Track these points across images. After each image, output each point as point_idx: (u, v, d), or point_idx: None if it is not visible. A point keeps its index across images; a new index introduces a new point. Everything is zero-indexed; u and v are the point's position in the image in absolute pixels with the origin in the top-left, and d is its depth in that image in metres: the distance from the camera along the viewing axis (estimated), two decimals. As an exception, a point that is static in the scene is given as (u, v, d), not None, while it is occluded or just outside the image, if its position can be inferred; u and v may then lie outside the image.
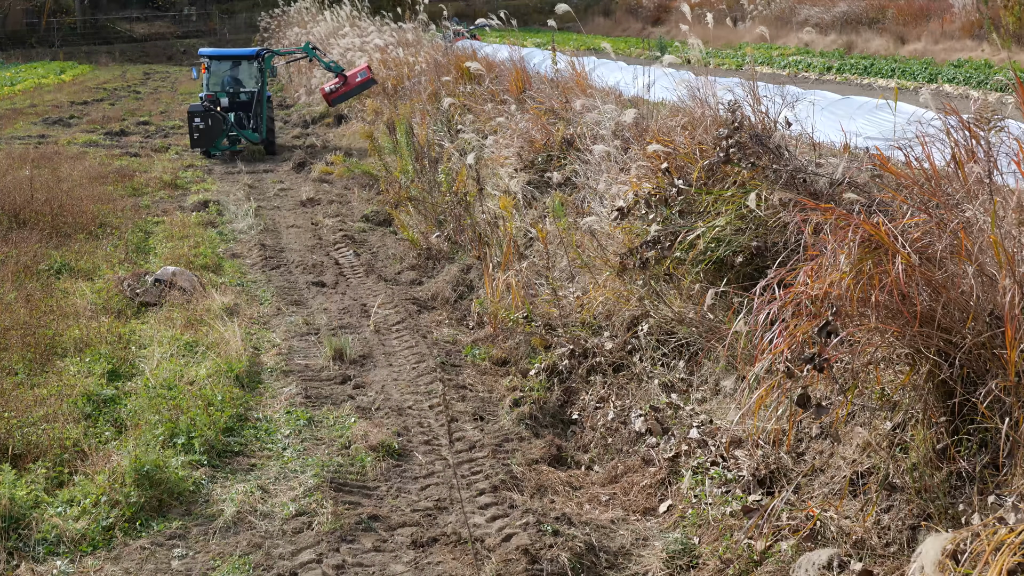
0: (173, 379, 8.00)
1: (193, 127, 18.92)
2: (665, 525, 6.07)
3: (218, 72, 20.36)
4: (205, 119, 18.79)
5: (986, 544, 4.11)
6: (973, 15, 28.57)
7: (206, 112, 18.77)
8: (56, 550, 5.73)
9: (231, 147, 19.74)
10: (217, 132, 18.99)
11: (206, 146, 19.34)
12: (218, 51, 20.82)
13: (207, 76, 20.15)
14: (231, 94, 19.93)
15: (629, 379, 7.73)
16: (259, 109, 19.76)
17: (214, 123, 18.91)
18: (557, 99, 12.67)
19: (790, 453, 6.05)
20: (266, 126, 19.86)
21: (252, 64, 20.33)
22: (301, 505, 6.32)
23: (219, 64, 20.42)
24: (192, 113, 18.93)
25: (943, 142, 5.86)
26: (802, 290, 5.45)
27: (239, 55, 20.51)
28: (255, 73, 20.24)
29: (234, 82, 20.25)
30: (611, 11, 51.99)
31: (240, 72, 20.45)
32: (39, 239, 12.14)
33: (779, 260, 6.37)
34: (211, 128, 18.91)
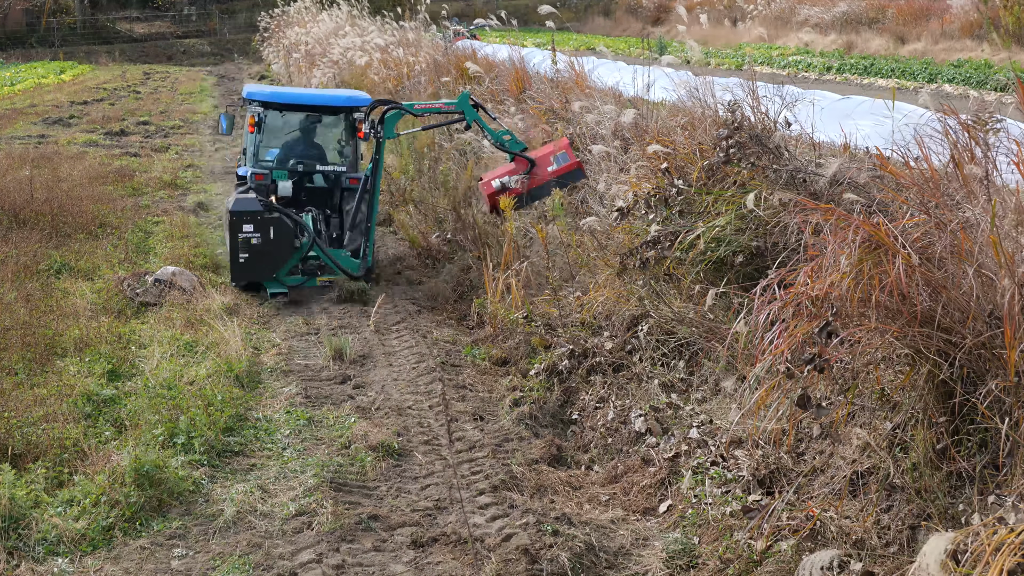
0: (173, 379, 8.00)
1: (241, 242, 10.10)
2: (665, 525, 6.07)
3: (280, 129, 11.89)
4: (264, 228, 10.11)
5: (986, 544, 4.11)
6: (973, 15, 28.56)
7: (266, 216, 10.13)
8: (56, 550, 5.73)
9: (306, 280, 10.81)
10: (284, 254, 10.33)
11: (258, 276, 10.49)
12: (282, 93, 11.97)
13: (255, 136, 11.34)
14: (300, 174, 11.34)
15: (629, 379, 7.73)
16: (362, 212, 11.00)
17: (279, 239, 10.20)
18: (557, 99, 12.67)
19: (790, 453, 6.05)
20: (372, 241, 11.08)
21: (343, 121, 11.72)
22: (301, 505, 6.31)
23: (282, 117, 11.77)
24: (239, 215, 10.05)
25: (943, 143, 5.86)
26: (802, 290, 5.46)
27: (323, 103, 11.52)
28: (346, 138, 11.70)
29: (307, 152, 11.70)
30: (611, 11, 52.01)
31: (320, 133, 11.96)
32: (39, 239, 12.13)
33: (779, 260, 6.38)
34: (273, 247, 10.21)
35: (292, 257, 10.47)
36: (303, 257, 10.62)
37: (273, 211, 10.17)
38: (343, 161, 11.65)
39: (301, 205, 11.15)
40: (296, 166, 11.34)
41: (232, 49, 51.20)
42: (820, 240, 5.65)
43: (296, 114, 11.67)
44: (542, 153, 10.77)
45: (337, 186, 11.50)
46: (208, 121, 26.38)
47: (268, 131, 11.57)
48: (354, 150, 11.68)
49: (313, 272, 10.79)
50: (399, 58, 20.38)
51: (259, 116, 11.28)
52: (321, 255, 10.63)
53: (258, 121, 11.27)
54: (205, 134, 24.01)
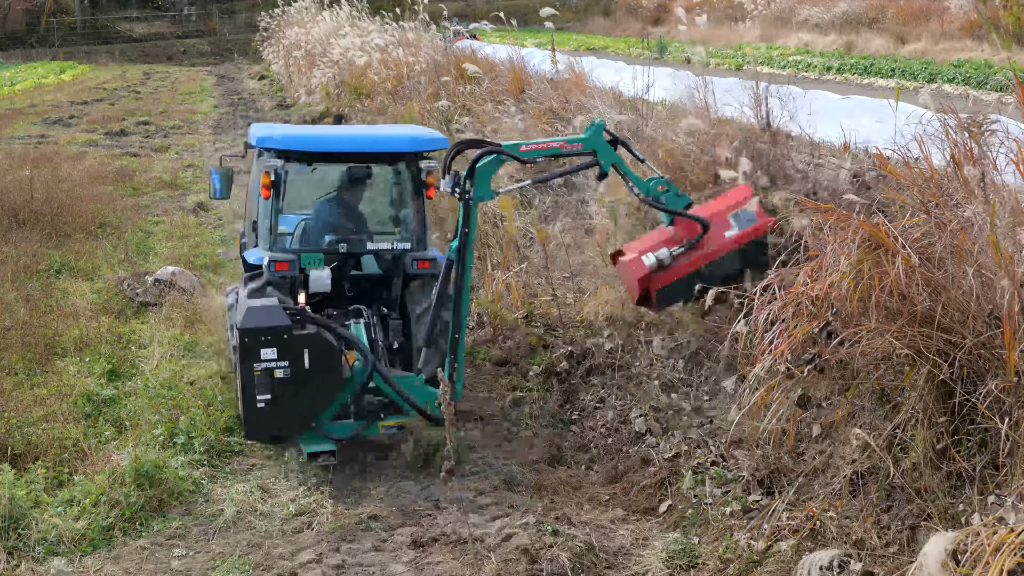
0: (173, 379, 8.00)
1: (259, 377, 6.55)
2: (665, 525, 6.07)
3: (307, 188, 8.19)
4: (294, 352, 6.60)
5: (986, 544, 4.11)
6: (972, 15, 28.55)
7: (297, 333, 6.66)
8: (56, 550, 5.73)
9: (364, 427, 7.06)
10: (326, 389, 6.79)
11: (291, 428, 6.89)
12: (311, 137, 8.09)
13: (272, 204, 7.54)
14: (340, 257, 7.72)
15: (629, 379, 7.73)
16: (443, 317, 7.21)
17: (320, 364, 6.70)
18: (557, 99, 12.67)
19: (790, 453, 6.05)
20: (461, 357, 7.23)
21: (405, 174, 7.89)
22: (301, 505, 6.31)
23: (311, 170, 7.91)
24: (254, 334, 6.55)
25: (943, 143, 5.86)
26: (802, 291, 5.46)
27: (374, 149, 7.83)
28: (409, 198, 7.87)
29: (351, 221, 7.96)
30: (611, 11, 51.98)
31: (370, 193, 8.18)
32: (39, 239, 12.13)
33: (779, 260, 6.38)
34: (310, 380, 6.66)
35: (339, 393, 6.83)
36: (357, 392, 6.94)
37: (306, 322, 6.68)
38: (406, 235, 7.73)
39: (347, 303, 7.59)
40: (337, 245, 7.58)
41: (232, 49, 51.20)
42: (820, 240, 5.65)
43: (333, 166, 7.88)
44: (715, 210, 7.11)
45: (398, 272, 7.72)
46: (208, 121, 26.37)
47: (291, 185, 7.61)
48: (421, 217, 7.74)
49: (374, 413, 7.01)
50: (399, 58, 20.36)
51: (278, 173, 7.40)
52: (384, 387, 6.91)
53: (276, 181, 7.40)
54: (205, 134, 24.02)
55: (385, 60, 20.99)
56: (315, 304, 7.31)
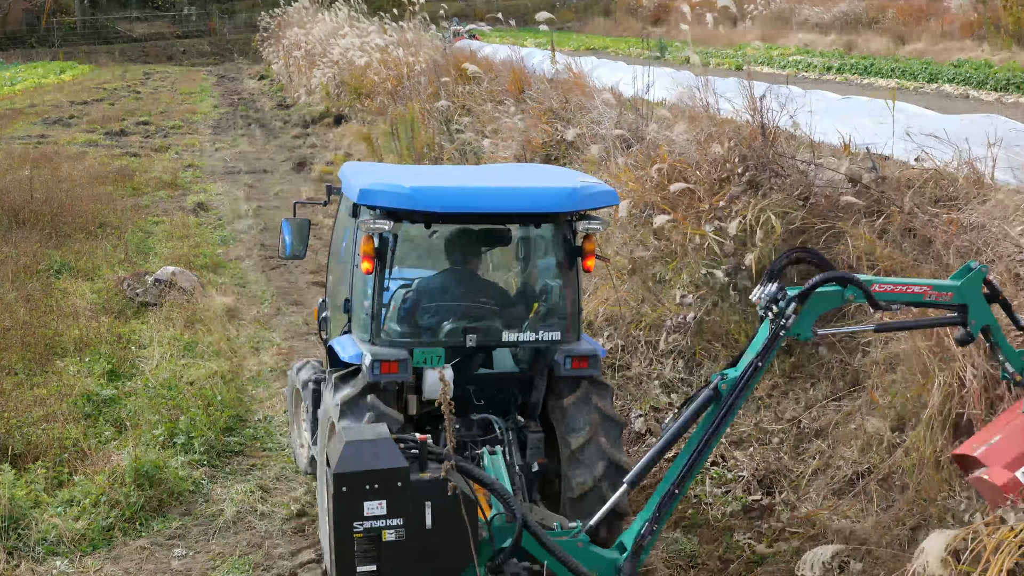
0: (173, 379, 8.00)
1: (360, 541, 4.29)
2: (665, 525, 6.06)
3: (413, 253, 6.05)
4: (411, 506, 4.36)
5: (987, 543, 4.11)
6: (972, 15, 28.56)
7: (416, 483, 4.40)
8: (56, 550, 5.72)
9: None
10: (455, 557, 4.40)
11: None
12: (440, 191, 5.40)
13: (374, 280, 5.39)
14: (468, 352, 5.58)
15: (629, 379, 7.72)
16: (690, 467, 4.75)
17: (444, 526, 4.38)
18: (556, 99, 12.66)
19: (790, 453, 6.05)
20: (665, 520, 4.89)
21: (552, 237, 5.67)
22: (301, 505, 6.31)
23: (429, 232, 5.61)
24: (353, 480, 4.30)
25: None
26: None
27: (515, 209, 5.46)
28: (559, 270, 5.68)
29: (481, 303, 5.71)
30: (611, 11, 52.00)
31: (511, 266, 6.20)
32: (39, 239, 12.13)
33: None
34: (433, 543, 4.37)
35: (475, 558, 4.53)
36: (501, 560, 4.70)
37: (425, 463, 4.57)
38: (554, 321, 5.66)
39: (469, 411, 5.67)
40: (463, 337, 5.54)
41: (232, 49, 51.23)
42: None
43: (456, 227, 5.75)
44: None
45: (540, 373, 5.70)
46: (208, 121, 26.37)
47: (398, 257, 5.58)
48: (575, 296, 5.73)
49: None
50: (399, 58, 20.37)
51: (385, 239, 5.40)
52: (538, 552, 4.65)
53: (382, 248, 5.41)
54: (205, 134, 24.03)
55: (385, 60, 21.00)
56: (428, 413, 5.50)
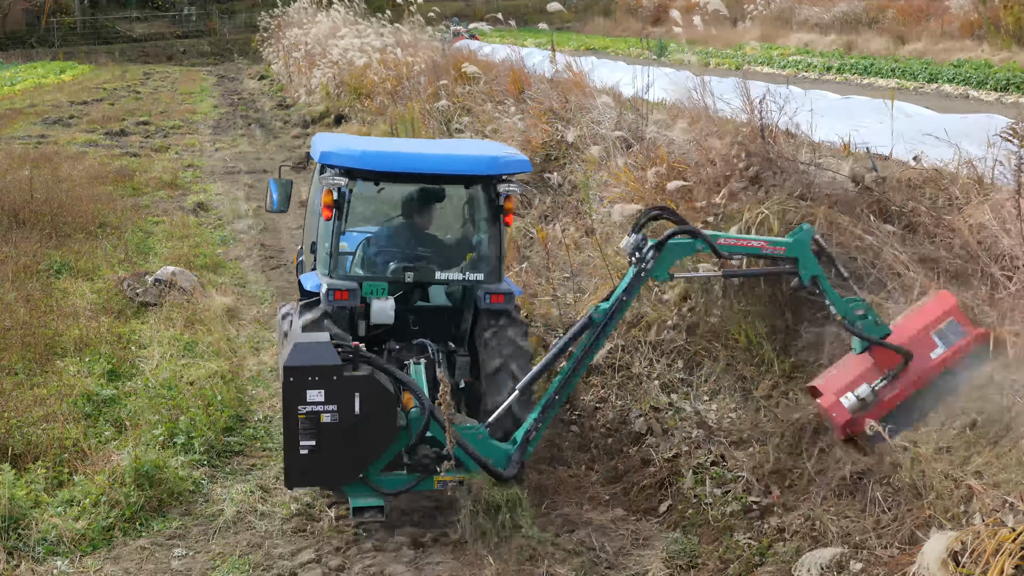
0: (173, 379, 8.00)
1: (303, 421, 5.79)
2: (665, 525, 6.07)
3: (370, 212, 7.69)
4: (343, 395, 5.85)
5: (986, 545, 4.11)
6: (972, 15, 28.55)
7: (349, 376, 5.90)
8: (56, 550, 5.73)
9: (417, 481, 6.15)
10: (379, 438, 6.00)
11: (336, 479, 6.05)
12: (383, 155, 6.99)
13: (333, 226, 6.76)
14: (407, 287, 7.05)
15: (629, 379, 7.72)
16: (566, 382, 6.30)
17: (370, 412, 5.90)
18: (556, 99, 12.66)
19: (790, 453, 6.05)
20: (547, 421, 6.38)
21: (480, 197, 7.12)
22: (301, 505, 6.31)
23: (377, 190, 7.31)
24: (299, 373, 5.79)
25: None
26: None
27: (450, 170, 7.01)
28: (485, 224, 7.10)
29: (419, 248, 7.28)
30: (611, 11, 51.99)
31: (444, 219, 7.62)
32: (39, 239, 12.13)
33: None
34: (361, 427, 5.89)
35: (394, 442, 6.04)
36: (413, 443, 6.06)
37: (359, 363, 5.94)
38: (479, 264, 6.97)
39: (408, 337, 6.96)
40: (403, 274, 6.86)
41: (232, 49, 51.22)
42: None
43: (401, 187, 7.20)
44: (914, 330, 6.08)
45: (468, 306, 7.03)
46: (208, 121, 26.38)
47: (354, 207, 7.00)
48: (497, 246, 6.96)
49: (430, 467, 6.11)
50: (398, 58, 20.38)
51: (342, 192, 6.65)
52: (444, 438, 5.97)
53: (339, 200, 6.65)
54: (205, 134, 24.02)
55: (384, 60, 21.00)
56: (376, 336, 6.81)
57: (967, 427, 5.19)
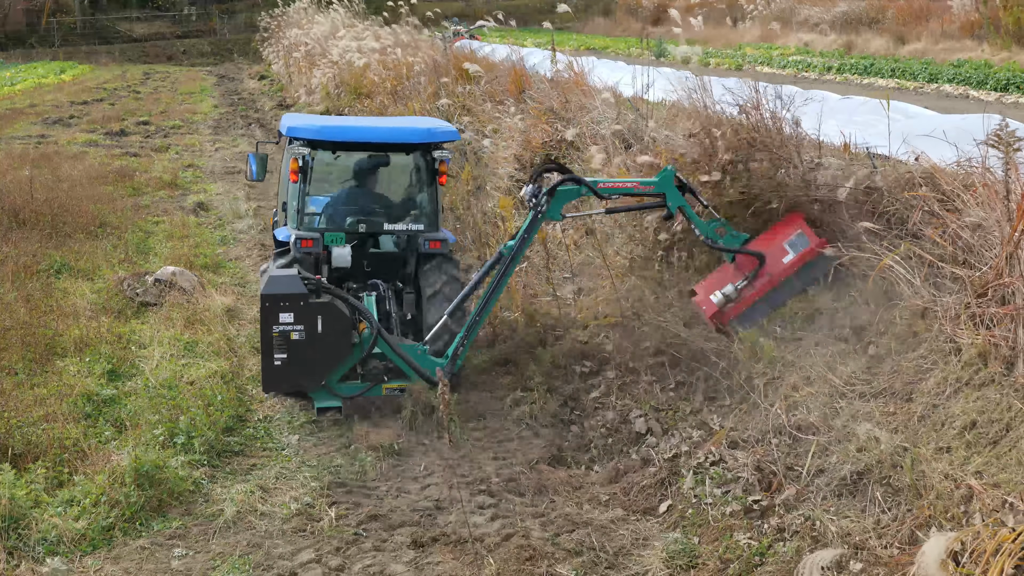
0: (173, 379, 8.00)
1: (276, 338, 7.39)
2: (665, 525, 6.07)
3: (331, 177, 9.28)
4: (308, 318, 7.41)
5: (986, 545, 4.11)
6: (973, 15, 28.55)
7: (312, 301, 7.44)
8: (56, 550, 5.72)
9: (368, 388, 7.83)
10: (335, 353, 7.58)
11: (300, 385, 7.71)
12: (336, 128, 8.91)
13: (300, 187, 8.41)
14: (361, 236, 8.67)
15: (629, 379, 7.72)
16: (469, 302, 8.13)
17: (330, 331, 7.49)
18: (556, 99, 12.66)
19: (790, 453, 6.05)
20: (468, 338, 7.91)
21: (420, 162, 8.70)
22: (301, 505, 6.32)
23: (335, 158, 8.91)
24: (273, 300, 7.37)
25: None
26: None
27: (393, 140, 8.68)
28: (424, 185, 8.72)
29: (371, 205, 8.85)
30: (611, 11, 51.99)
31: (391, 181, 9.19)
32: (39, 239, 12.13)
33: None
34: (322, 343, 7.48)
35: (348, 357, 7.58)
36: (364, 356, 7.67)
37: (321, 293, 7.41)
38: (420, 217, 8.58)
39: (364, 278, 8.51)
40: (356, 225, 8.45)
41: (232, 49, 51.22)
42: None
43: (355, 155, 8.80)
44: (770, 241, 7.63)
45: (412, 251, 8.55)
46: (208, 121, 26.39)
47: (317, 178, 8.67)
48: (434, 202, 8.59)
49: (378, 376, 7.81)
50: (398, 58, 20.38)
51: (305, 160, 8.25)
52: (389, 353, 7.65)
53: (303, 167, 8.25)
54: (205, 134, 24.02)
55: (384, 61, 21.00)
56: (337, 278, 8.20)
57: (967, 427, 5.18)
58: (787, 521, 5.52)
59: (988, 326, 5.55)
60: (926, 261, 6.26)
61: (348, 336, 7.51)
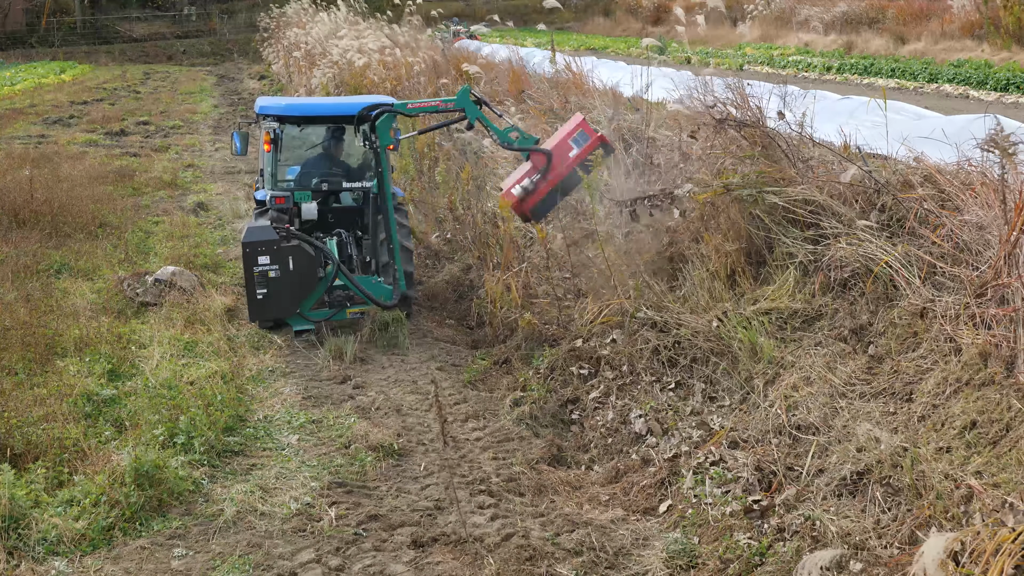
0: (173, 379, 8.00)
1: (257, 276, 8.99)
2: (665, 525, 6.07)
3: (299, 145, 10.95)
4: (281, 260, 9.02)
5: (986, 545, 4.11)
6: (973, 15, 28.56)
7: (284, 245, 9.04)
8: (56, 550, 5.72)
9: (334, 313, 9.65)
10: (306, 286, 9.23)
11: (280, 314, 9.39)
12: (298, 105, 10.74)
13: (272, 155, 10.16)
14: (324, 194, 10.27)
15: (629, 379, 7.72)
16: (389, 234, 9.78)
17: (300, 269, 9.11)
18: (556, 99, 12.67)
19: (790, 453, 6.05)
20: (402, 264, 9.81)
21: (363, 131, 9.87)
22: (301, 505, 6.32)
23: (300, 131, 10.77)
24: (252, 247, 8.97)
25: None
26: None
27: (342, 113, 10.22)
28: (366, 150, 10.19)
29: (332, 168, 10.51)
30: (611, 11, 52.00)
31: (348, 147, 10.77)
32: (39, 239, 12.14)
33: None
34: (293, 279, 9.08)
35: (317, 288, 9.32)
36: (329, 287, 9.50)
37: (291, 239, 9.05)
38: (372, 176, 10.14)
39: (329, 228, 10.18)
40: (320, 185, 10.15)
41: (232, 49, 51.21)
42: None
43: (316, 127, 10.63)
44: (558, 140, 9.15)
45: (367, 204, 10.36)
46: (208, 121, 26.39)
47: (287, 148, 10.49)
48: (382, 163, 9.87)
49: (342, 303, 9.69)
50: (398, 58, 20.40)
51: (275, 133, 10.03)
52: (348, 284, 9.49)
53: (274, 138, 10.04)
54: (205, 134, 24.02)
55: (384, 61, 21.01)
56: (307, 229, 9.76)
57: (967, 427, 5.19)
58: (787, 521, 5.52)
59: (988, 326, 5.55)
60: (925, 261, 6.27)
61: (315, 272, 9.19)
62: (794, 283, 7.11)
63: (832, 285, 6.90)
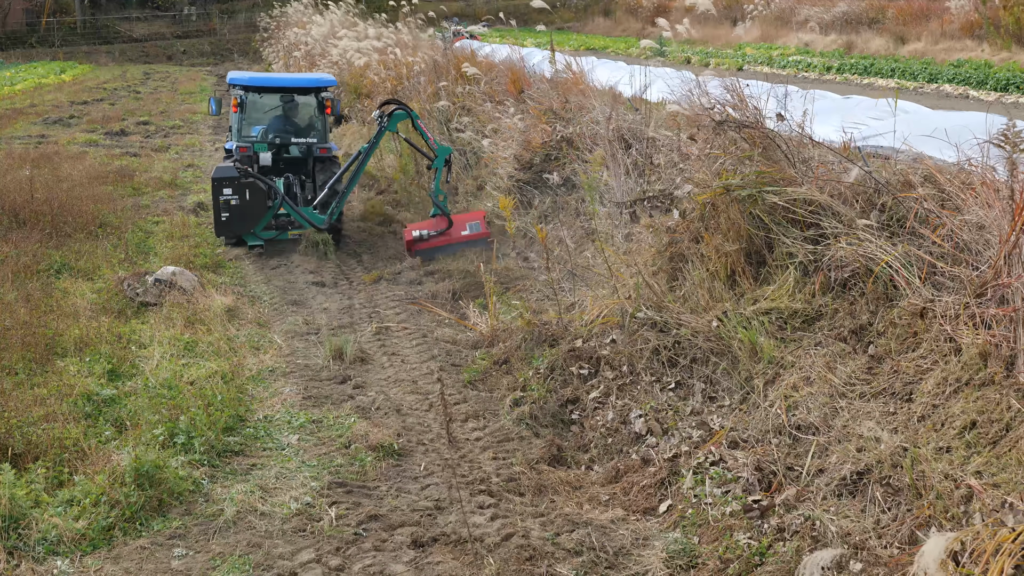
0: (173, 379, 8.00)
1: (222, 203, 12.06)
2: (665, 525, 6.07)
3: (259, 110, 13.96)
4: (240, 192, 12.04)
5: (986, 545, 4.11)
6: (972, 15, 28.56)
7: (242, 180, 12.06)
8: (56, 550, 5.72)
9: (279, 234, 12.83)
10: (258, 212, 12.29)
11: (238, 232, 12.45)
12: (259, 78, 13.95)
13: (239, 116, 13.50)
14: (277, 146, 13.42)
15: (629, 379, 7.72)
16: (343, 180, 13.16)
17: (254, 199, 12.11)
18: (556, 99, 12.67)
19: (790, 453, 6.05)
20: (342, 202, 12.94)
21: (313, 100, 14.00)
22: (301, 505, 6.32)
23: (261, 98, 13.90)
24: (219, 181, 12.03)
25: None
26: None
27: (294, 85, 13.82)
28: (316, 113, 13.94)
29: (284, 127, 13.81)
30: (611, 11, 51.99)
31: (296, 111, 14.02)
32: (39, 239, 12.14)
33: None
34: (249, 207, 12.15)
35: (266, 214, 12.39)
36: (275, 214, 12.61)
37: (248, 176, 12.03)
38: (314, 134, 13.68)
39: (280, 172, 13.28)
40: (274, 139, 13.35)
41: (232, 49, 51.22)
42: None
43: (272, 95, 13.84)
44: (461, 218, 12.41)
45: (310, 155, 13.52)
46: (208, 121, 26.40)
47: (250, 110, 13.66)
48: (323, 124, 13.81)
49: (285, 227, 12.77)
50: (398, 58, 20.39)
51: (241, 98, 13.42)
52: (291, 211, 12.44)
53: (240, 102, 13.40)
54: (205, 134, 24.02)
55: (384, 61, 21.01)
56: (263, 173, 12.80)
57: (967, 427, 5.19)
58: (787, 521, 5.52)
59: (988, 326, 5.55)
60: (925, 261, 6.27)
61: (265, 202, 12.26)
62: (794, 283, 7.10)
63: (832, 285, 6.89)
